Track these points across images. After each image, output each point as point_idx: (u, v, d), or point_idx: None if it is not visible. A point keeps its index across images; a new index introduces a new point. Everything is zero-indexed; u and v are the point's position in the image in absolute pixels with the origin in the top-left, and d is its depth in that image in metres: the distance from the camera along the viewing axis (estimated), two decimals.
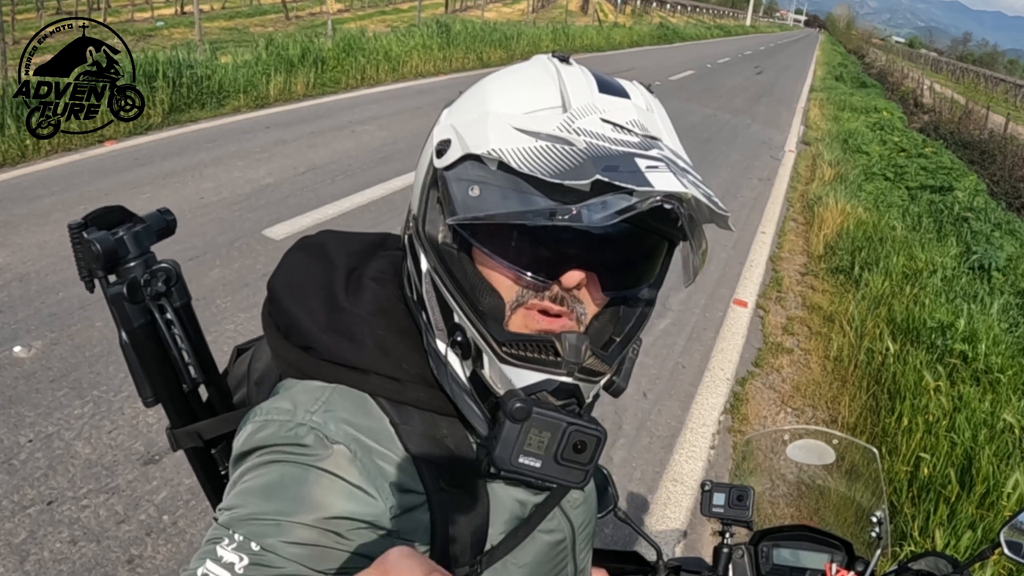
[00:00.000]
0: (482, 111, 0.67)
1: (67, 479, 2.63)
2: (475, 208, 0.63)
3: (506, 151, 0.62)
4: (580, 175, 0.59)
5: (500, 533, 0.74)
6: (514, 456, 0.60)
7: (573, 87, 0.66)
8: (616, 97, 0.67)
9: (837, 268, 5.93)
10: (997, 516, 2.78)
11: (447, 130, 0.68)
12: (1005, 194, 11.19)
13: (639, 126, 0.65)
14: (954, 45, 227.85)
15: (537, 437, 0.61)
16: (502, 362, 0.66)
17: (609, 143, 0.62)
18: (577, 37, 21.92)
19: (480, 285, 0.68)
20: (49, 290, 3.87)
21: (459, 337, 0.68)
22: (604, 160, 0.60)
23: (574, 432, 0.61)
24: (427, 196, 0.70)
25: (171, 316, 0.75)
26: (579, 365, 0.66)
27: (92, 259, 0.69)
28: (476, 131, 0.65)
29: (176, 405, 0.79)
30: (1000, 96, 36.89)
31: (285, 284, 0.77)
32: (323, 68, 10.68)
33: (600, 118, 0.64)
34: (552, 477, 0.62)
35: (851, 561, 1.23)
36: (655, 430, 3.47)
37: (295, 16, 19.96)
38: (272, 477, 0.63)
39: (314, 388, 0.70)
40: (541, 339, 0.66)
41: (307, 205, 5.64)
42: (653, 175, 0.60)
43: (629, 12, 39.92)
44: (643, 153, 0.62)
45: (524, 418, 0.60)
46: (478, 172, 0.64)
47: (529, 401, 0.60)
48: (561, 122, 0.63)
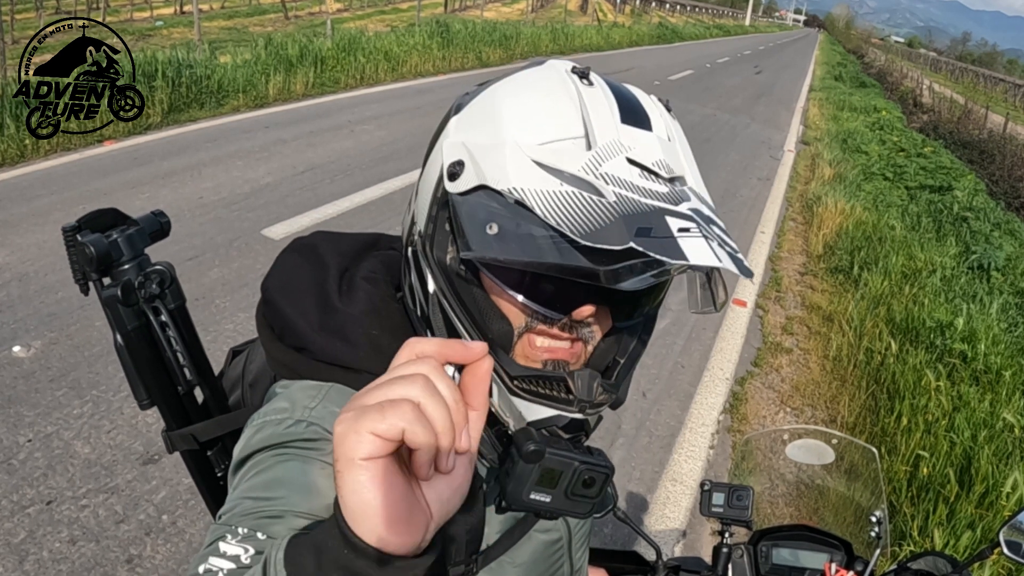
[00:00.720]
0: (498, 136, 0.64)
1: (66, 479, 2.63)
2: (494, 247, 0.59)
3: (528, 193, 0.59)
4: (612, 239, 0.56)
5: (496, 532, 0.74)
6: (526, 493, 0.62)
7: (596, 116, 0.63)
8: (639, 130, 0.65)
9: (836, 268, 5.93)
10: (996, 516, 2.79)
11: (459, 149, 0.65)
12: (1004, 194, 11.20)
13: (665, 167, 0.63)
14: (953, 45, 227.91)
15: (549, 476, 0.62)
16: (512, 394, 0.65)
17: (638, 195, 0.59)
18: (576, 37, 21.91)
19: (489, 311, 0.66)
20: (48, 290, 3.87)
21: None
22: (635, 220, 0.57)
23: (585, 470, 0.63)
24: (435, 216, 0.67)
25: (165, 318, 0.74)
26: (591, 403, 0.66)
27: (86, 262, 0.69)
28: (493, 161, 0.62)
29: (171, 408, 0.79)
30: (999, 96, 36.91)
31: (278, 285, 0.77)
32: (322, 68, 10.68)
33: (626, 158, 0.62)
34: (560, 511, 0.64)
35: (850, 561, 1.23)
36: (654, 430, 3.47)
37: (294, 16, 19.95)
38: (273, 472, 0.62)
39: (311, 387, 0.71)
40: (553, 376, 0.66)
41: (306, 205, 5.63)
42: (686, 242, 0.57)
43: (628, 12, 39.91)
44: (673, 210, 0.60)
45: (538, 460, 0.61)
46: (495, 205, 0.61)
47: (541, 442, 0.61)
48: (586, 163, 0.60)
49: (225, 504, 0.63)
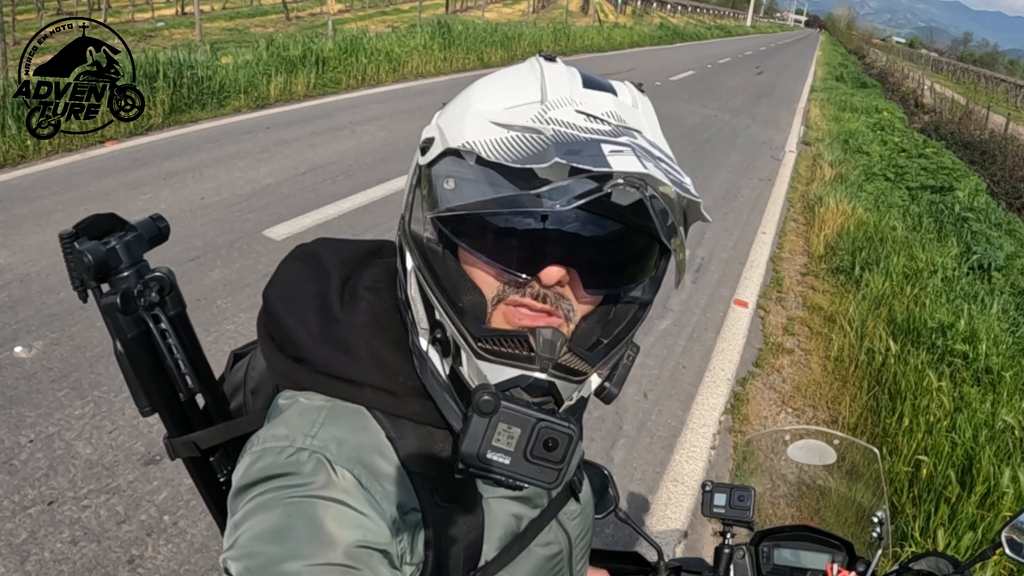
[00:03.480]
0: (465, 108, 0.67)
1: (68, 479, 2.63)
2: (449, 199, 0.64)
3: (478, 143, 0.62)
4: (541, 159, 0.58)
5: (495, 548, 0.73)
6: (482, 450, 0.59)
7: (553, 82, 0.66)
8: (598, 91, 0.67)
9: (837, 268, 5.92)
10: (998, 516, 2.78)
11: (433, 129, 0.69)
12: (1005, 194, 11.19)
13: (615, 116, 0.65)
14: (954, 45, 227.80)
15: (506, 433, 0.59)
16: (478, 358, 0.64)
17: (578, 131, 0.62)
18: (578, 37, 21.91)
19: (462, 282, 0.67)
20: (50, 290, 3.87)
21: (439, 334, 0.67)
22: (566, 145, 0.59)
23: (544, 428, 0.60)
24: (413, 195, 0.70)
25: (166, 326, 0.73)
26: (553, 361, 0.64)
27: (84, 270, 0.68)
28: (454, 126, 0.65)
29: (172, 415, 0.78)
30: (1000, 96, 36.90)
31: (279, 294, 0.76)
32: (324, 68, 10.68)
33: (575, 109, 0.64)
34: (522, 475, 0.61)
35: (852, 561, 1.23)
36: (655, 430, 3.47)
37: (295, 16, 19.96)
38: (279, 517, 0.60)
39: (309, 409, 0.69)
40: (516, 334, 0.64)
41: (307, 205, 5.64)
42: (615, 158, 0.59)
43: (629, 12, 39.91)
44: (611, 139, 0.62)
45: (492, 412, 0.58)
46: (455, 167, 0.64)
47: (498, 395, 0.59)
48: (535, 114, 0.63)
49: (233, 542, 0.61)
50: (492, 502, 0.73)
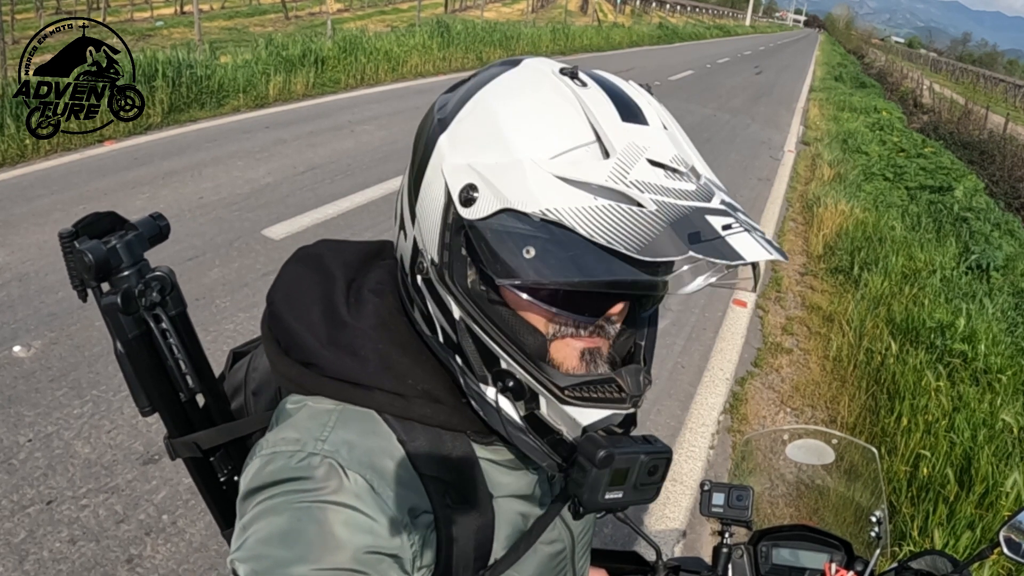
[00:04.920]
0: (508, 154, 0.61)
1: (66, 479, 2.63)
2: (536, 271, 0.58)
3: (564, 212, 0.57)
4: (670, 250, 0.55)
5: (503, 547, 0.74)
6: (602, 496, 0.65)
7: (602, 119, 0.62)
8: (642, 126, 0.64)
9: (836, 268, 5.93)
10: (996, 516, 2.79)
11: (466, 173, 0.62)
12: (1004, 194, 11.20)
13: (681, 162, 0.64)
14: (953, 45, 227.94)
15: (618, 474, 0.65)
16: (564, 404, 0.65)
17: (673, 197, 0.59)
18: (576, 37, 21.91)
19: (520, 327, 0.66)
20: (48, 290, 3.87)
21: (510, 383, 0.66)
22: (682, 226, 0.57)
23: (649, 461, 0.66)
24: (449, 244, 0.64)
25: (167, 326, 0.73)
26: (641, 395, 0.68)
27: (84, 270, 0.67)
28: (512, 182, 0.59)
29: (173, 415, 0.77)
30: (999, 96, 36.93)
31: (284, 298, 0.76)
32: (323, 68, 10.68)
33: (647, 160, 0.61)
34: (631, 502, 0.67)
35: (850, 561, 1.23)
36: (654, 430, 3.47)
37: (295, 16, 19.95)
38: (289, 521, 0.60)
39: (320, 413, 0.69)
40: (602, 380, 0.67)
41: (306, 205, 5.64)
42: (734, 239, 0.57)
43: (628, 12, 39.90)
44: (709, 207, 0.60)
45: (610, 464, 0.63)
46: (523, 227, 0.59)
47: (610, 446, 0.64)
48: (611, 172, 0.59)
49: (241, 545, 0.61)
50: (501, 501, 0.74)
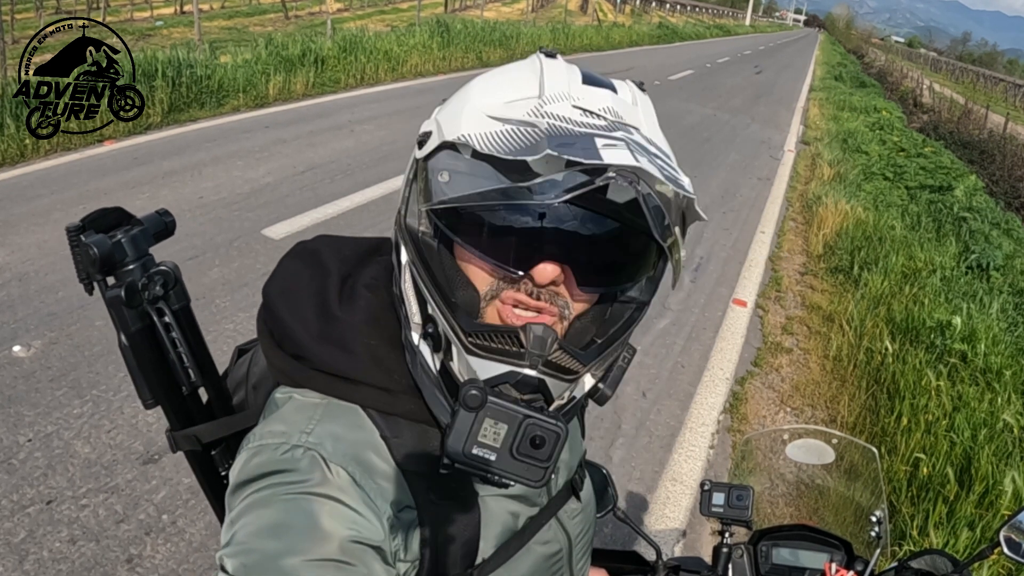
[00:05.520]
0: (464, 103, 0.67)
1: (66, 478, 2.63)
2: (442, 192, 0.64)
3: (473, 135, 0.62)
4: (533, 151, 0.58)
5: (492, 546, 0.73)
6: (467, 446, 0.59)
7: (552, 77, 0.66)
8: (597, 87, 0.67)
9: (836, 268, 5.93)
10: (996, 515, 2.79)
11: (431, 123, 0.69)
12: (1004, 193, 11.20)
13: (612, 112, 0.64)
14: (953, 45, 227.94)
15: (493, 429, 0.59)
16: (468, 353, 0.64)
17: (572, 125, 0.61)
18: (577, 37, 21.90)
19: (456, 277, 0.67)
20: (48, 289, 3.87)
21: (431, 328, 0.67)
22: (560, 138, 0.59)
23: (531, 425, 0.59)
24: (409, 188, 0.70)
25: (169, 319, 0.74)
26: (544, 358, 0.63)
27: (89, 263, 0.68)
28: (452, 120, 0.65)
29: (175, 408, 0.78)
30: (999, 96, 36.93)
31: (279, 291, 0.76)
32: (323, 68, 10.67)
33: (572, 104, 0.64)
34: (508, 472, 0.60)
35: (850, 561, 1.23)
36: (654, 429, 3.47)
37: (294, 15, 19.95)
38: (275, 514, 0.61)
39: (306, 406, 0.69)
40: (507, 330, 0.64)
41: (306, 204, 5.63)
42: (608, 151, 0.58)
43: (628, 12, 39.89)
44: (605, 134, 0.61)
45: (478, 407, 0.58)
46: (451, 160, 0.64)
47: (485, 390, 0.59)
48: (532, 108, 0.63)
49: (230, 538, 0.61)
50: (489, 500, 0.73)
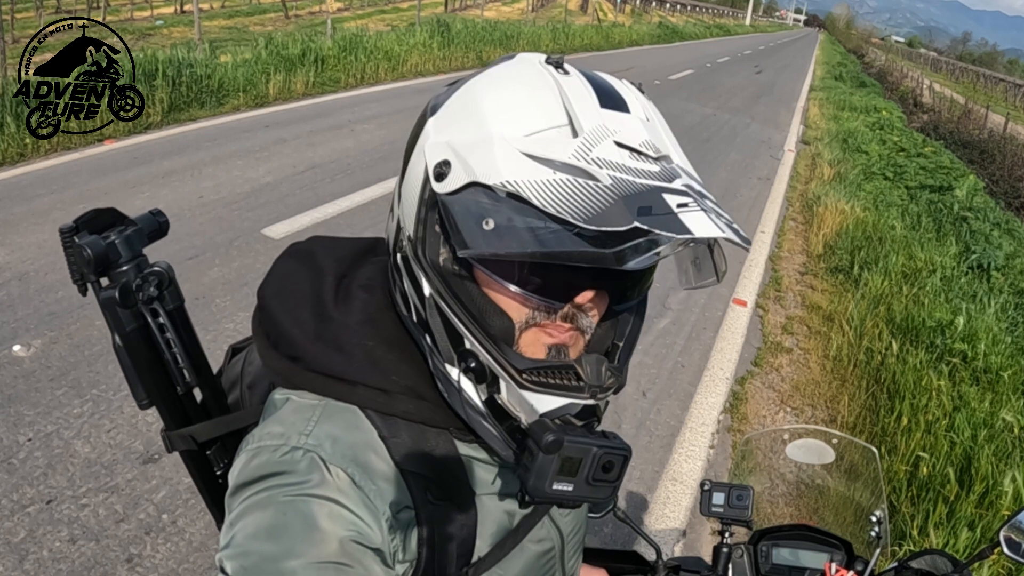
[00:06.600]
0: (482, 132, 0.63)
1: (66, 478, 2.63)
2: (492, 243, 0.59)
3: (522, 184, 0.58)
4: (616, 220, 0.56)
5: (488, 544, 0.74)
6: (548, 485, 0.62)
7: (577, 103, 0.63)
8: (620, 113, 0.65)
9: (836, 267, 5.93)
10: (996, 515, 2.79)
11: (443, 149, 0.64)
12: (1004, 193, 11.21)
13: (651, 147, 0.63)
14: (953, 45, 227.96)
15: (569, 464, 0.63)
16: (522, 388, 0.65)
17: (632, 175, 0.59)
18: (577, 36, 21.90)
19: (488, 309, 0.66)
20: (48, 289, 3.87)
21: (472, 364, 0.66)
22: (634, 200, 0.57)
23: (604, 455, 0.63)
24: (424, 219, 0.66)
25: (164, 320, 0.74)
26: (601, 387, 0.66)
27: (83, 264, 0.68)
28: (481, 157, 0.61)
29: (170, 408, 0.78)
30: (999, 96, 36.94)
31: (274, 292, 0.76)
32: (323, 67, 10.68)
33: (614, 141, 0.62)
34: (583, 498, 0.64)
35: (850, 560, 1.23)
36: (654, 429, 3.47)
37: (295, 15, 19.96)
38: (274, 516, 0.61)
39: (304, 408, 0.69)
40: (564, 366, 0.66)
41: (306, 204, 5.63)
42: (687, 216, 0.57)
43: (628, 11, 39.90)
44: (668, 187, 0.60)
45: (557, 450, 0.61)
46: (487, 201, 0.60)
47: (559, 432, 0.61)
48: (576, 150, 0.60)
49: (229, 540, 0.61)
50: (484, 499, 0.74)
